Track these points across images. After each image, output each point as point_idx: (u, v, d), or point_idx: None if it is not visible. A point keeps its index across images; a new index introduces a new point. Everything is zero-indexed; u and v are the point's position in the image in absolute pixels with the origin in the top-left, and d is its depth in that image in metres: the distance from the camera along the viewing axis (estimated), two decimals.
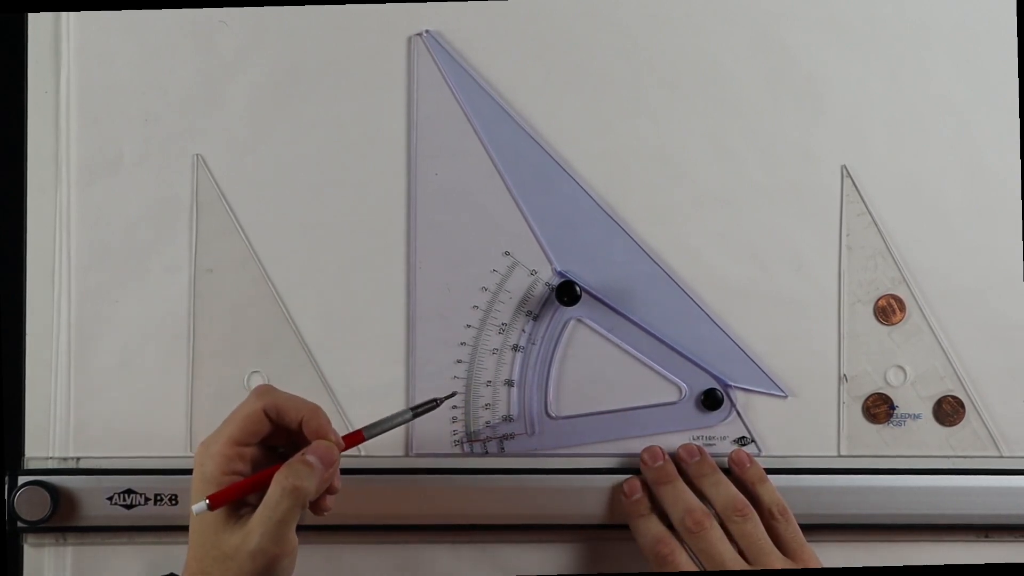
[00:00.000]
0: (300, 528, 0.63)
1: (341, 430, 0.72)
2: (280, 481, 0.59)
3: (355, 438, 0.65)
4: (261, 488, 0.60)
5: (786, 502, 0.69)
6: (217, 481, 0.60)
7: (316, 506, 0.63)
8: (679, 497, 0.67)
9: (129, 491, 0.70)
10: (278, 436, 0.63)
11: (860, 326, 0.73)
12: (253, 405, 0.61)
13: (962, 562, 0.72)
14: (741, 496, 0.68)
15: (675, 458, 0.70)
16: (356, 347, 0.72)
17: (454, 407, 0.72)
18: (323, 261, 0.72)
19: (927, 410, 0.73)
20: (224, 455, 0.60)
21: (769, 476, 0.70)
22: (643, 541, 0.68)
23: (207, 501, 0.59)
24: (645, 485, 0.70)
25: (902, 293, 0.73)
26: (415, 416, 0.66)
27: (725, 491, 0.68)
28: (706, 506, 0.67)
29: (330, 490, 0.63)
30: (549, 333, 0.72)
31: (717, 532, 0.66)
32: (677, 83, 0.73)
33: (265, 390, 0.62)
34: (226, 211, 0.72)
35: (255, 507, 0.60)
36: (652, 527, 0.68)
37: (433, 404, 0.67)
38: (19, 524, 0.70)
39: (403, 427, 0.72)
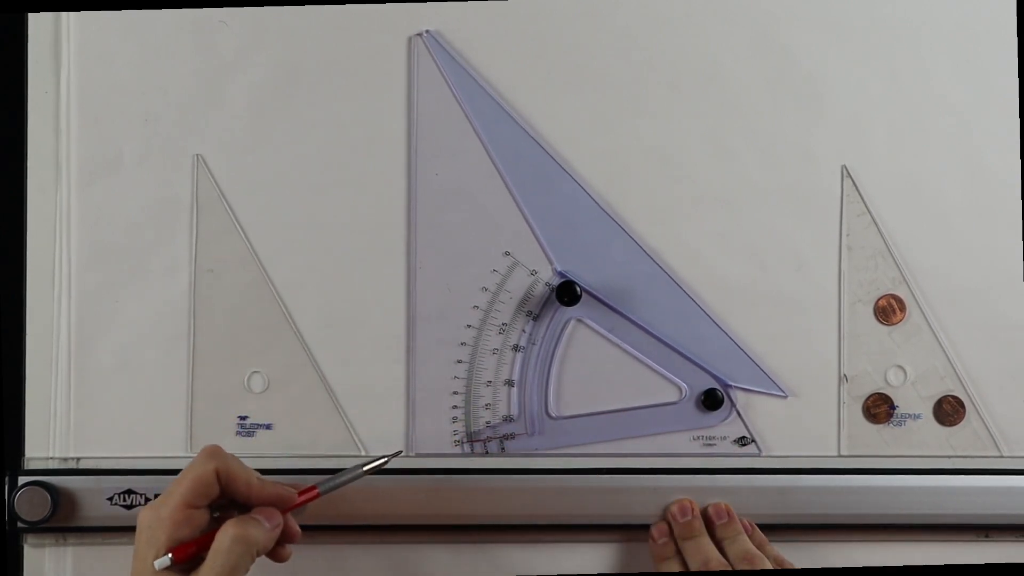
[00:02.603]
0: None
1: (341, 432, 0.72)
2: (228, 529, 0.58)
3: (309, 493, 0.64)
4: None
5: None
6: (165, 547, 0.58)
7: (275, 555, 0.62)
8: (699, 550, 0.69)
9: (129, 491, 0.70)
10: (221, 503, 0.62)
11: (860, 326, 0.73)
12: (204, 466, 0.60)
13: (962, 562, 0.72)
14: (754, 548, 0.68)
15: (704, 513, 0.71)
16: (356, 347, 0.72)
17: (454, 407, 0.72)
18: (323, 261, 0.72)
19: (927, 410, 0.73)
20: (174, 520, 0.59)
21: (769, 476, 0.70)
22: None
23: (170, 555, 0.58)
24: (671, 530, 0.70)
25: (902, 293, 0.73)
26: (365, 473, 0.65)
27: (741, 546, 0.69)
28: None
29: (290, 537, 0.63)
30: (549, 333, 0.72)
31: None
32: (677, 83, 0.73)
33: (215, 451, 0.61)
34: (226, 211, 0.72)
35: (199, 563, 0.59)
36: (675, 569, 0.69)
37: (383, 461, 0.66)
38: (19, 524, 0.70)
39: (404, 427, 0.72)
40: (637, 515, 0.71)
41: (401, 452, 0.71)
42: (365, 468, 0.66)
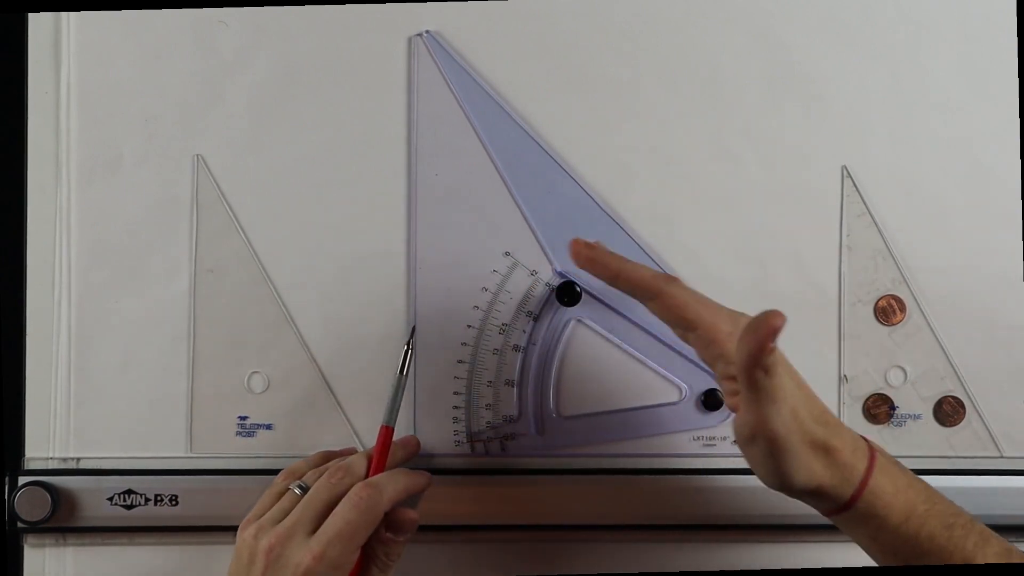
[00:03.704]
0: None
1: (342, 432, 0.72)
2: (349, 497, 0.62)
3: (386, 434, 0.67)
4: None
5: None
6: None
7: (396, 522, 0.65)
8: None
9: (129, 491, 0.70)
10: None
11: (860, 326, 0.73)
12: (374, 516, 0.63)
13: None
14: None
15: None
16: (356, 347, 0.72)
17: (455, 407, 0.72)
18: (323, 261, 0.72)
19: (927, 410, 0.73)
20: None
21: None
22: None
23: None
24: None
25: (902, 293, 0.73)
26: (406, 376, 0.69)
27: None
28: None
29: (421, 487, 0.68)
30: (549, 333, 0.72)
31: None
32: (677, 83, 0.73)
33: (376, 502, 0.63)
34: (226, 211, 0.72)
35: None
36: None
37: (406, 352, 0.69)
38: (19, 524, 0.70)
39: (404, 427, 0.72)
40: (637, 516, 0.71)
41: (414, 327, 0.72)
42: (402, 374, 0.69)
